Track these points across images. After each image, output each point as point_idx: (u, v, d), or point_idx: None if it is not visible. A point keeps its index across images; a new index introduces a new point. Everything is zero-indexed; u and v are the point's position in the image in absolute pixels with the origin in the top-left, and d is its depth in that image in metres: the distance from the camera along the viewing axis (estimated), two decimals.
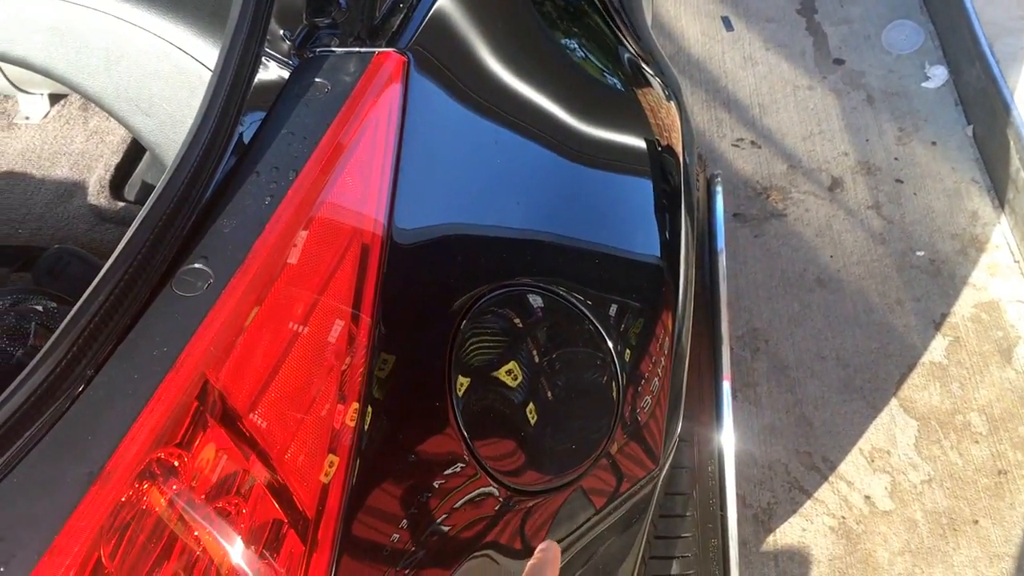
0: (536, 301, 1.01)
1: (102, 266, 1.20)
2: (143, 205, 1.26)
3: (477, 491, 0.93)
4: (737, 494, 1.84)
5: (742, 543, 1.78)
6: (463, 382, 0.92)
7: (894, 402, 1.98)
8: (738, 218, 2.37)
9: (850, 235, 2.30)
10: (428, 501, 0.89)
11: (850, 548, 1.77)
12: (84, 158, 1.53)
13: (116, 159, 1.50)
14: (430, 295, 0.93)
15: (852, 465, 1.89)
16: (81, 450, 0.73)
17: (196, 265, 0.83)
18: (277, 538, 0.77)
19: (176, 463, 0.75)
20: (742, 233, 2.33)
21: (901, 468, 1.88)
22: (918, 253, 2.25)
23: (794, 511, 1.83)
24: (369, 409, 0.85)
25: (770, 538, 1.80)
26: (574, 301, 1.03)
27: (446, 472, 0.91)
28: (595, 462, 1.00)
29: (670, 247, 1.21)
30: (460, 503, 0.92)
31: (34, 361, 0.74)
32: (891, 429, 1.94)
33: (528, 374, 0.97)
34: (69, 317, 0.78)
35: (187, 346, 0.78)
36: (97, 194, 1.38)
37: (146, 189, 1.45)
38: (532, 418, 0.97)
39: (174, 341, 0.78)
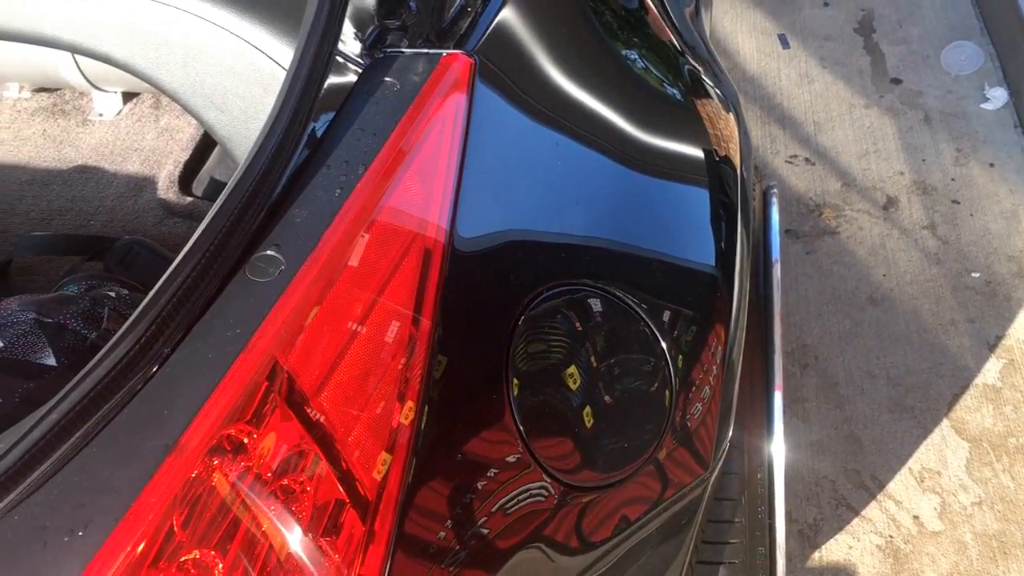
0: (593, 302, 1.03)
1: (171, 257, 1.25)
2: (210, 201, 1.31)
3: (530, 486, 0.94)
4: (784, 508, 1.83)
5: (787, 558, 1.77)
6: (519, 381, 0.94)
7: (945, 423, 1.96)
8: (790, 235, 2.37)
9: (904, 254, 2.29)
10: (482, 494, 0.91)
11: (897, 567, 1.75)
12: (155, 154, 1.58)
13: (185, 156, 1.55)
14: (489, 297, 0.96)
15: (901, 484, 1.87)
16: (158, 423, 0.76)
17: (268, 252, 0.86)
18: (337, 522, 0.80)
19: (245, 440, 0.78)
20: (794, 250, 2.33)
21: (951, 489, 1.86)
22: (973, 274, 2.23)
23: (841, 528, 1.82)
24: (426, 403, 0.87)
25: (816, 554, 1.79)
26: (631, 304, 1.04)
27: (500, 466, 0.93)
28: (647, 462, 1.01)
29: (726, 257, 1.22)
30: (513, 498, 0.93)
31: (114, 338, 0.78)
32: (942, 450, 1.92)
33: (584, 374, 0.99)
34: (148, 298, 0.81)
35: (259, 328, 0.81)
36: (166, 189, 1.42)
37: (214, 185, 1.49)
38: (586, 417, 0.99)
39: (246, 323, 0.81)
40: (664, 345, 1.05)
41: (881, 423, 1.97)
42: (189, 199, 1.47)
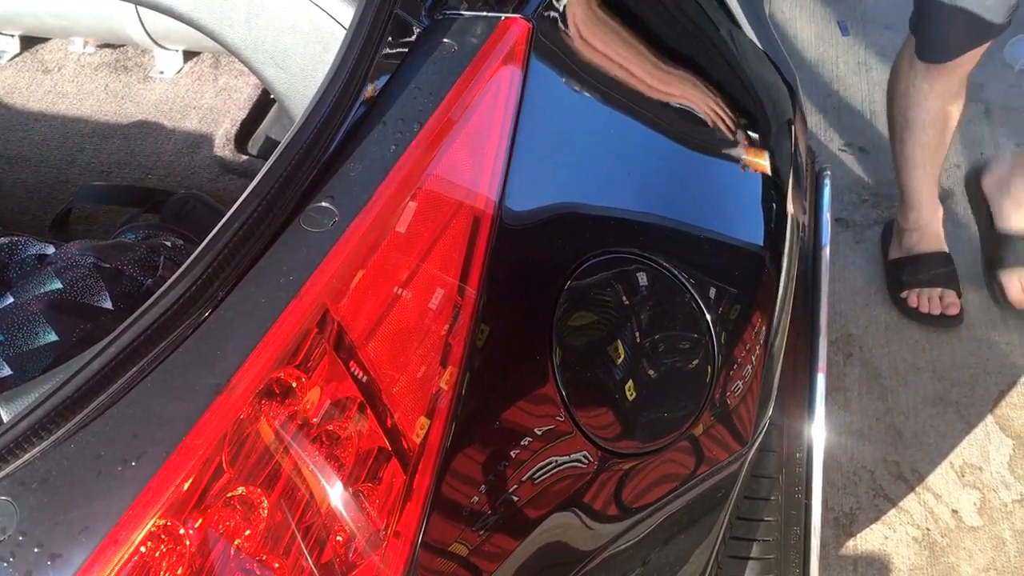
0: (640, 273, 1.03)
1: (225, 212, 1.27)
2: (265, 159, 1.33)
3: (569, 452, 0.95)
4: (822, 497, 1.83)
5: (821, 543, 1.76)
6: (563, 350, 0.94)
7: (990, 419, 1.94)
8: (840, 223, 2.34)
9: (955, 247, 2.25)
10: (519, 458, 0.92)
11: (932, 560, 1.74)
12: (212, 113, 1.60)
13: (242, 115, 1.58)
14: (535, 270, 0.96)
15: (941, 478, 1.86)
16: (210, 363, 0.78)
17: (323, 204, 0.87)
18: (378, 472, 0.81)
19: (294, 384, 0.80)
20: (843, 238, 2.30)
21: (992, 485, 1.84)
22: None
23: (877, 519, 1.81)
24: (468, 370, 0.88)
25: (850, 542, 1.78)
26: (678, 277, 1.04)
27: (540, 431, 0.94)
28: (685, 433, 1.02)
29: (774, 238, 1.22)
30: (551, 463, 0.94)
31: (171, 279, 0.80)
32: (985, 446, 1.90)
33: (627, 344, 1.00)
34: (205, 243, 0.83)
35: (311, 277, 0.82)
36: (223, 147, 1.45)
37: (269, 144, 1.52)
38: (628, 387, 0.99)
39: (299, 271, 0.83)
40: (709, 320, 1.05)
41: (923, 416, 1.95)
42: (244, 157, 1.49)
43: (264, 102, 1.62)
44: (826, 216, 1.41)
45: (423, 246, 0.88)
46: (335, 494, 0.79)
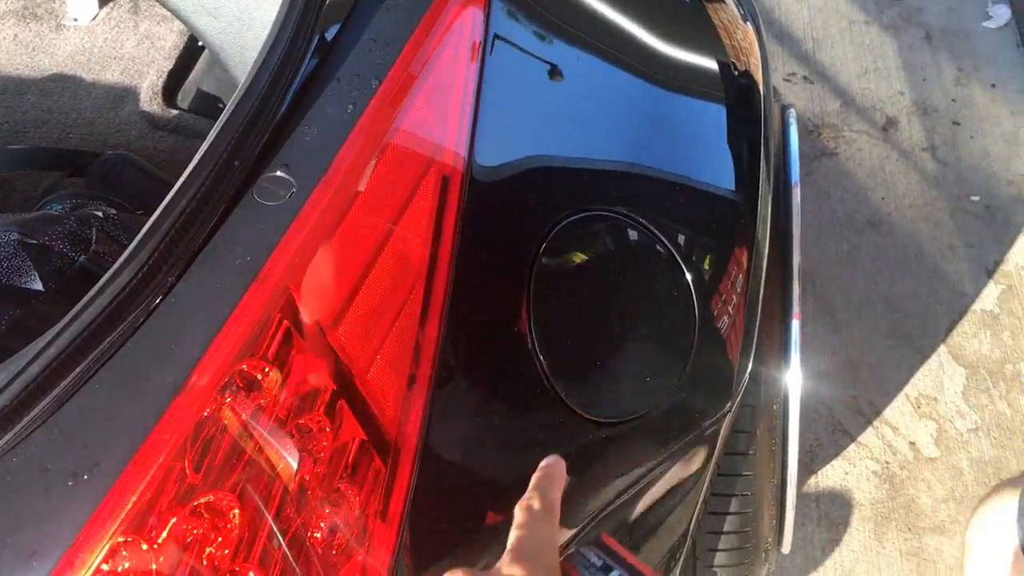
0: (615, 228, 0.97)
1: (157, 174, 1.16)
2: (197, 114, 1.22)
3: (552, 421, 0.90)
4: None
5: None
6: (539, 314, 0.89)
7: (943, 349, 1.95)
8: None
9: (903, 177, 2.25)
10: (502, 430, 0.87)
11: (893, 493, 1.75)
12: (135, 63, 1.48)
13: (168, 65, 1.46)
14: (509, 226, 0.90)
15: (898, 411, 1.86)
16: (165, 359, 0.70)
17: (277, 173, 0.80)
18: (357, 463, 0.75)
19: (259, 376, 0.73)
20: None
21: (948, 416, 1.85)
22: (973, 198, 2.19)
23: (837, 454, 1.81)
24: (446, 338, 0.82)
25: (812, 480, 1.78)
26: (653, 230, 0.99)
27: (522, 402, 0.88)
28: (669, 396, 0.97)
29: (748, 180, 1.16)
30: (534, 434, 0.89)
31: (115, 266, 0.72)
32: (939, 376, 1.91)
33: (607, 307, 0.94)
34: (151, 222, 0.75)
35: (271, 257, 0.75)
36: (149, 100, 1.33)
37: (201, 97, 1.41)
38: (609, 350, 0.94)
39: (257, 251, 0.75)
40: (688, 275, 1.00)
41: (879, 349, 1.95)
42: (174, 112, 1.38)
43: (192, 50, 1.50)
44: (794, 154, 1.36)
45: (390, 214, 0.81)
46: (312, 492, 0.73)
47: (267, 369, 0.73)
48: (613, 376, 0.94)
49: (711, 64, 1.22)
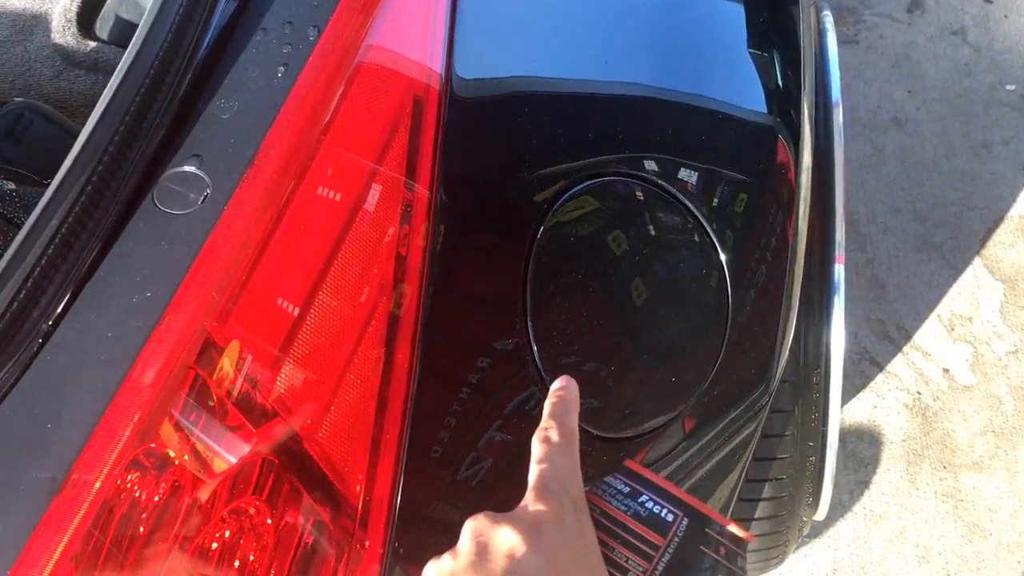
0: (629, 192, 0.78)
1: (71, 127, 0.95)
2: (118, 46, 0.98)
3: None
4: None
5: None
6: (541, 323, 0.71)
7: (978, 261, 1.77)
8: None
9: (931, 66, 2.02)
10: (497, 450, 0.70)
11: (926, 427, 1.61)
12: None
13: None
14: (495, 217, 0.71)
15: (929, 334, 1.70)
16: (40, 447, 0.52)
17: (186, 168, 0.60)
18: (312, 551, 0.58)
19: (172, 452, 0.55)
20: None
21: (984, 337, 1.69)
22: (1008, 87, 1.98)
23: (864, 385, 1.66)
24: (425, 364, 0.64)
25: None
26: (675, 192, 0.79)
27: (526, 430, 0.71)
28: (696, 398, 0.80)
29: (786, 100, 0.96)
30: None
31: None
32: (974, 293, 1.74)
33: (619, 299, 0.76)
34: (16, 245, 0.56)
35: (179, 288, 0.56)
36: (62, 31, 1.11)
37: (121, 26, 1.17)
38: (628, 356, 0.76)
39: (160, 281, 0.56)
40: (720, 250, 0.82)
41: (907, 265, 1.77)
42: (92, 44, 1.15)
43: None
44: (834, 66, 1.15)
45: (341, 218, 0.62)
46: None
47: (182, 452, 0.55)
48: (634, 389, 0.77)
49: None
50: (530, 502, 0.51)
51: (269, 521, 0.56)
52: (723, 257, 0.80)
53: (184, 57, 0.62)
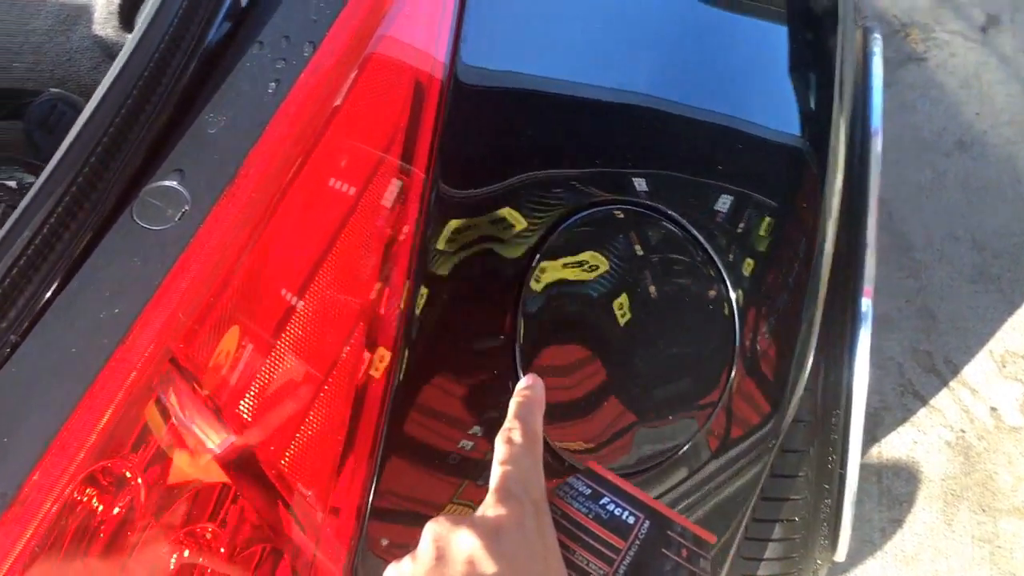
0: (629, 216, 0.75)
1: None
2: None
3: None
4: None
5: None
6: (528, 343, 0.69)
7: None
8: None
9: (1002, 88, 1.94)
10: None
11: (967, 467, 1.55)
12: None
13: None
14: (490, 245, 0.69)
15: (979, 369, 1.63)
16: None
17: (167, 183, 0.59)
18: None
19: (128, 473, 0.55)
20: None
21: None
22: None
23: (905, 419, 1.60)
24: (403, 387, 0.63)
25: (875, 449, 1.58)
26: (686, 224, 0.77)
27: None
28: (695, 437, 0.78)
29: (816, 126, 0.92)
30: None
31: None
32: None
33: (613, 328, 0.74)
34: None
35: (146, 307, 0.55)
36: (104, 23, 1.12)
37: None
38: (622, 391, 0.74)
39: (130, 298, 0.56)
40: (728, 282, 0.79)
41: (961, 295, 1.71)
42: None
43: None
44: (877, 92, 1.11)
45: (319, 247, 0.61)
46: None
47: (136, 475, 0.54)
48: (627, 422, 0.74)
49: None
50: (491, 505, 0.51)
51: (223, 550, 0.56)
52: (731, 288, 0.78)
53: (177, 67, 0.62)
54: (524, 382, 0.59)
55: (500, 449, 0.54)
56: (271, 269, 0.59)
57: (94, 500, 0.53)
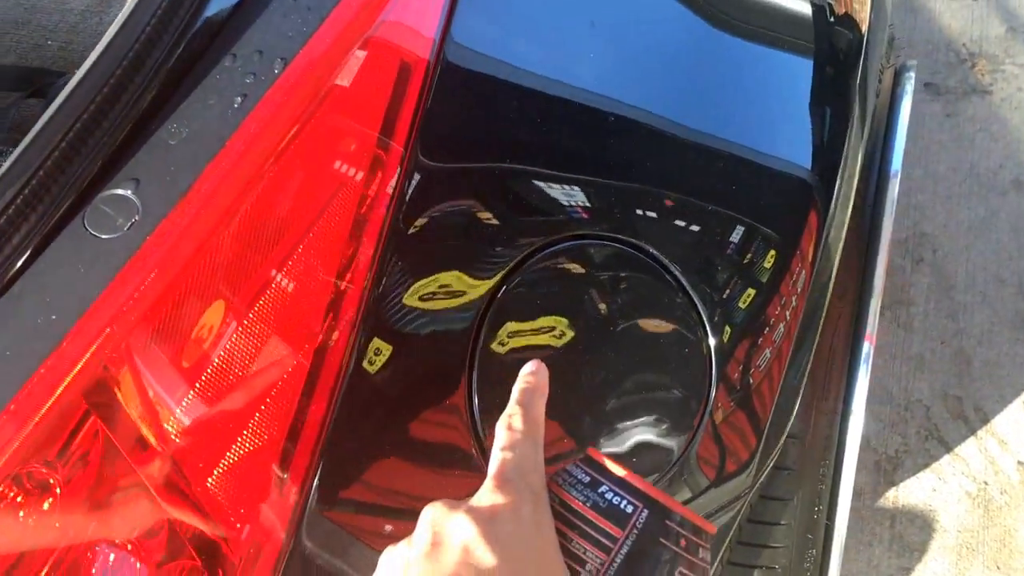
0: (603, 250, 0.74)
1: None
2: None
3: None
4: (863, 434, 1.57)
5: (857, 494, 1.53)
6: (483, 384, 0.68)
7: None
8: (930, 89, 1.95)
9: None
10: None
11: (986, 521, 1.49)
12: None
13: None
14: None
15: (1010, 420, 1.57)
16: None
17: (121, 191, 0.60)
18: None
19: (51, 480, 0.55)
20: (931, 109, 1.92)
21: None
22: None
23: (926, 465, 1.55)
24: (341, 417, 0.63)
25: (891, 492, 1.54)
26: (659, 257, 0.74)
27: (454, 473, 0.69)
28: (660, 476, 0.76)
29: (825, 160, 0.88)
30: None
31: None
32: None
33: (576, 358, 0.72)
34: None
35: (83, 316, 0.56)
36: None
37: None
38: (581, 417, 0.73)
39: (68, 306, 0.56)
40: (703, 308, 0.77)
41: (1000, 342, 1.64)
42: None
43: None
44: (900, 131, 1.06)
45: (275, 258, 0.60)
46: None
47: (60, 471, 0.55)
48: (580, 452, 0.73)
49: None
50: (488, 491, 0.51)
51: (139, 565, 0.56)
52: (710, 332, 0.75)
53: (147, 74, 0.62)
54: (528, 368, 0.59)
55: (501, 435, 0.54)
56: (218, 283, 0.59)
57: (11, 503, 0.54)
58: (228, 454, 0.58)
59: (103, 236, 0.58)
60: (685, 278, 0.75)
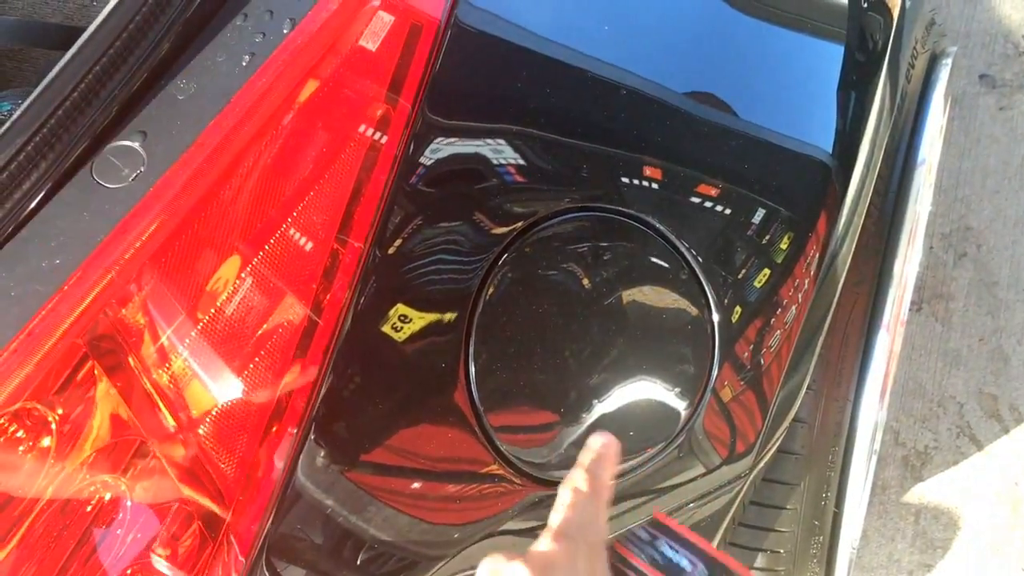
0: (617, 229, 0.74)
1: None
2: None
3: (491, 486, 0.72)
4: (892, 428, 1.55)
5: (882, 488, 1.51)
6: (480, 350, 0.69)
7: None
8: (984, 81, 1.90)
9: None
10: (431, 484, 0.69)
11: (1013, 521, 1.46)
12: None
13: None
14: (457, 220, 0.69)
15: None
16: None
17: (128, 143, 0.61)
18: (176, 535, 0.60)
19: (50, 418, 0.57)
20: (985, 102, 1.87)
21: None
22: None
23: (956, 462, 1.52)
24: (340, 365, 0.64)
25: (917, 488, 1.51)
26: (667, 233, 0.74)
27: (458, 463, 0.70)
28: (659, 451, 0.76)
29: (845, 143, 0.87)
30: (469, 499, 0.71)
31: None
32: None
33: (571, 322, 0.72)
34: None
35: (85, 262, 0.58)
36: None
37: None
38: (578, 386, 0.73)
39: (72, 251, 0.58)
40: (709, 286, 0.77)
41: None
42: None
43: None
44: (931, 118, 1.03)
45: (286, 207, 0.62)
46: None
47: (58, 415, 0.57)
48: (578, 426, 0.73)
49: None
50: (545, 542, 0.53)
51: (129, 503, 0.58)
52: (714, 309, 0.75)
53: (159, 31, 0.63)
54: (599, 438, 0.60)
55: (564, 495, 0.57)
56: (220, 234, 0.60)
57: (19, 433, 0.56)
58: (223, 401, 0.60)
59: (109, 185, 0.60)
60: (691, 253, 0.75)
